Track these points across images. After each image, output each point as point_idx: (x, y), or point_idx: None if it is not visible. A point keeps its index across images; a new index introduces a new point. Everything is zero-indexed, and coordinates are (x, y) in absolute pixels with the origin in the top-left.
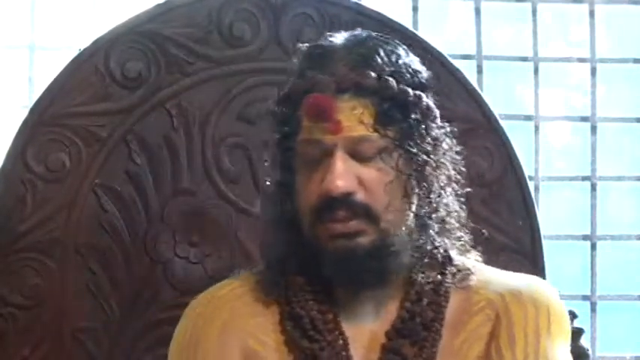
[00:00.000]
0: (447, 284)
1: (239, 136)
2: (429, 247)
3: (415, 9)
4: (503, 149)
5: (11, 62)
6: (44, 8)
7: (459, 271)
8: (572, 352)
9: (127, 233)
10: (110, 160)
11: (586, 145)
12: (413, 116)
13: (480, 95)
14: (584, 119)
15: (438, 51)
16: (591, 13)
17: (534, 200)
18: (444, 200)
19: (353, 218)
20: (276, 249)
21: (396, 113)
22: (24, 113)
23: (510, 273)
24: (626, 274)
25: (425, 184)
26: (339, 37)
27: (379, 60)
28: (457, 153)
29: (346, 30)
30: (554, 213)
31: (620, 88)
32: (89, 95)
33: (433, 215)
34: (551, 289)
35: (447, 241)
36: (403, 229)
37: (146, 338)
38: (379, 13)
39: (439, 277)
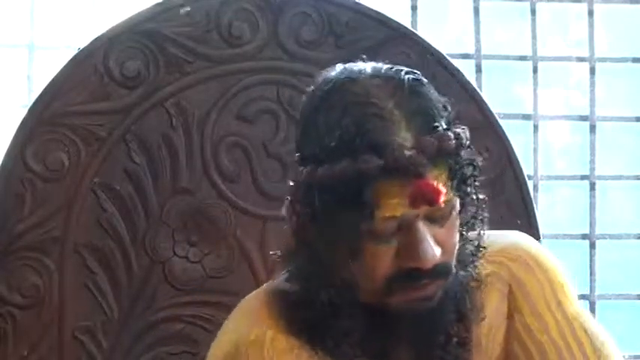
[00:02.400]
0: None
1: (238, 135)
2: (474, 274)
3: (414, 8)
4: (502, 148)
5: (10, 61)
6: (43, 7)
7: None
8: None
9: (126, 232)
10: (109, 159)
11: (585, 144)
12: (467, 159)
13: (479, 94)
14: (583, 118)
15: (437, 50)
16: (590, 13)
17: (533, 199)
18: (480, 225)
19: (433, 282)
20: (327, 316)
21: (464, 163)
22: (23, 112)
23: (492, 233)
24: (625, 273)
25: (472, 220)
26: (369, 80)
27: (440, 113)
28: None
29: (346, 29)
30: (553, 212)
31: (619, 87)
32: (88, 94)
33: (478, 247)
34: (537, 242)
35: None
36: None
37: (146, 337)
38: (378, 13)
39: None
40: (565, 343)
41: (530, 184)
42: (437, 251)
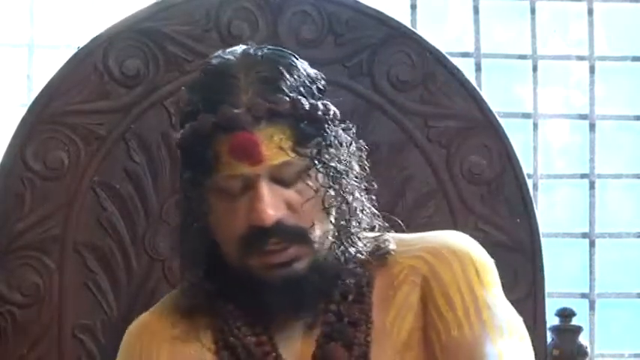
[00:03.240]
0: (367, 273)
1: None
2: (353, 252)
3: (414, 7)
4: (502, 147)
5: (10, 60)
6: (43, 7)
7: (375, 249)
8: (571, 350)
9: (126, 231)
10: (109, 158)
11: (585, 143)
12: (326, 130)
13: (478, 93)
14: (582, 117)
15: (436, 49)
16: (590, 11)
17: (533, 198)
18: (357, 201)
19: (287, 246)
20: (198, 280)
21: (311, 130)
22: (22, 111)
23: (422, 234)
24: (624, 271)
25: (342, 192)
26: (231, 57)
27: (286, 81)
28: (358, 149)
29: (346, 28)
30: (553, 211)
31: (619, 86)
32: (88, 93)
33: (352, 221)
34: (467, 238)
35: (362, 234)
36: (329, 240)
37: None
38: (378, 11)
39: (359, 268)
40: (466, 316)
41: (529, 182)
42: (275, 209)
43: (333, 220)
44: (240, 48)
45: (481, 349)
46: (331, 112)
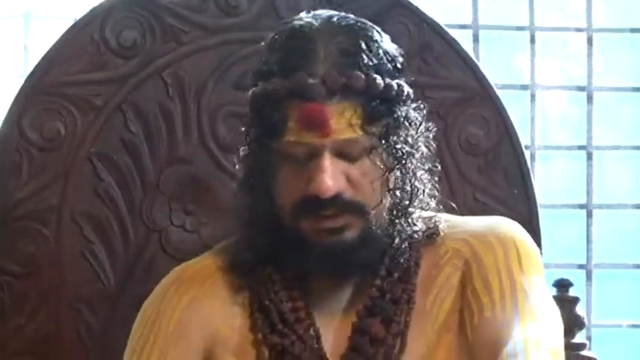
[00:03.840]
0: (416, 252)
1: (235, 105)
2: (409, 232)
3: None
4: (500, 118)
5: (7, 31)
6: None
7: (426, 229)
8: (569, 320)
9: (123, 202)
10: (106, 128)
11: (582, 114)
12: (397, 110)
13: (476, 64)
14: (580, 88)
15: (434, 20)
16: None
17: (530, 169)
18: (419, 182)
19: (341, 214)
20: (250, 237)
21: (382, 109)
22: (20, 82)
23: (472, 217)
24: (621, 242)
25: (406, 172)
26: (314, 22)
27: (364, 57)
28: (427, 129)
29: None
30: (551, 182)
31: (617, 57)
32: (85, 64)
33: (412, 202)
34: (515, 225)
35: (417, 213)
36: (385, 217)
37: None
38: None
39: (408, 248)
40: (502, 300)
41: (527, 153)
42: (336, 182)
43: (392, 200)
44: (324, 13)
45: (508, 331)
46: (405, 93)
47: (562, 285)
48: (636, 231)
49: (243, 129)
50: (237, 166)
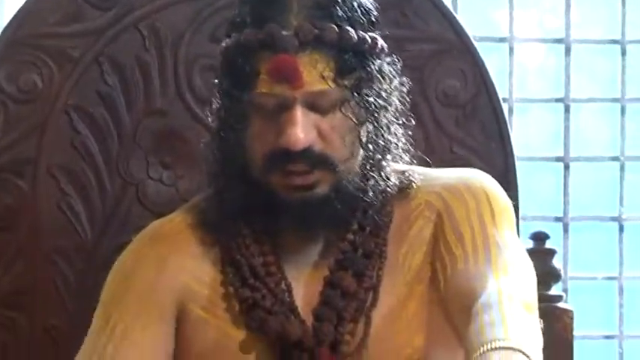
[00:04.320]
0: (388, 206)
1: (211, 57)
2: (381, 186)
3: None
4: (477, 70)
5: None
6: None
7: (399, 183)
8: (545, 272)
9: (100, 154)
10: (82, 81)
11: (560, 66)
12: (370, 63)
13: (453, 16)
14: (558, 41)
15: None
16: None
17: (508, 122)
18: (392, 136)
19: (311, 170)
20: (220, 190)
21: (354, 62)
22: None
23: (445, 170)
24: (598, 195)
25: (378, 127)
26: None
27: (338, 9)
28: (402, 84)
29: None
30: (528, 135)
31: (595, 9)
32: (61, 16)
33: (384, 156)
34: (487, 177)
35: (391, 167)
36: (357, 171)
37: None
38: None
39: (380, 202)
40: (474, 252)
41: (505, 106)
42: (307, 135)
43: (364, 154)
44: None
45: (482, 284)
46: (378, 46)
47: (538, 237)
48: (613, 184)
49: (215, 81)
50: (210, 119)
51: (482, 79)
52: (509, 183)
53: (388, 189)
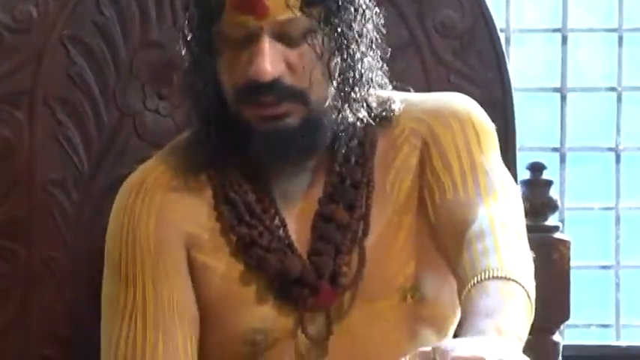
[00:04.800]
0: (371, 135)
1: None
2: (351, 118)
3: None
4: (475, 1)
5: None
6: None
7: (380, 112)
8: (542, 203)
9: (96, 85)
10: (78, 11)
11: None
12: None
13: None
14: None
15: None
16: None
17: (505, 52)
18: (365, 68)
19: (281, 101)
20: (201, 127)
21: None
22: None
23: (427, 95)
24: (595, 126)
25: (349, 59)
26: None
27: None
28: (377, 15)
29: None
30: (525, 65)
31: None
32: None
33: (355, 88)
34: (471, 101)
35: (368, 96)
36: (328, 103)
37: (116, 189)
38: None
39: (362, 131)
40: (463, 180)
41: (502, 36)
42: (275, 67)
43: (336, 85)
44: None
45: (473, 212)
46: None
47: (536, 168)
48: (610, 114)
49: (186, 13)
50: (183, 53)
51: (480, 9)
52: (506, 113)
53: (366, 119)
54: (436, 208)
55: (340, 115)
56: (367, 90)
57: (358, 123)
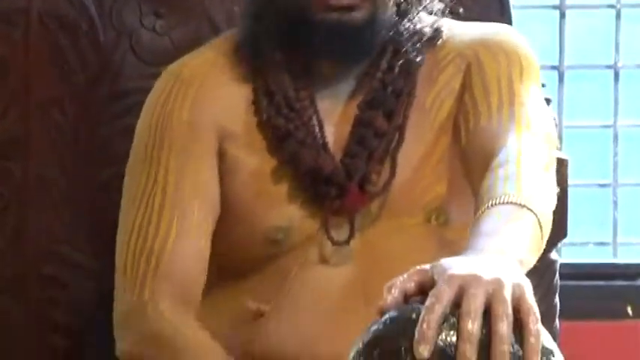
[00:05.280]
0: (418, 51)
1: None
2: (413, 28)
3: None
4: None
5: None
6: None
7: (430, 32)
8: None
9: (92, 3)
10: None
11: None
12: None
13: None
14: None
15: None
16: None
17: None
18: None
19: None
20: (253, 19)
21: None
22: None
23: (478, 23)
24: (594, 43)
25: None
26: None
27: None
28: None
29: None
30: None
31: None
32: None
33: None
34: (520, 35)
35: (421, 15)
36: (392, 7)
37: (112, 107)
38: None
39: (410, 45)
40: (499, 109)
41: None
42: None
43: None
44: None
45: (504, 141)
46: None
47: None
48: (609, 31)
49: None
50: None
51: None
52: None
53: (418, 34)
54: (469, 133)
55: (400, 23)
56: (422, 8)
57: (408, 36)
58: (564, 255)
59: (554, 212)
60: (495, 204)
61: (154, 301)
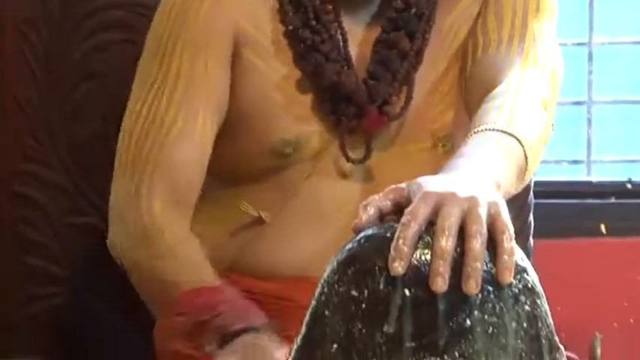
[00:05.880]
0: None
1: None
2: None
3: None
4: None
5: None
6: None
7: None
8: None
9: None
10: None
11: None
12: None
13: None
14: None
15: None
16: None
17: None
18: None
19: None
20: None
21: None
22: None
23: None
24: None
25: None
26: None
27: None
28: None
29: None
30: None
31: None
32: None
33: None
34: None
35: None
36: None
37: (85, 24)
38: None
39: None
40: (509, 42)
41: None
42: None
43: None
44: None
45: (507, 72)
46: None
47: None
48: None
49: None
50: None
51: None
52: None
53: None
54: (475, 61)
55: None
56: None
57: None
58: (538, 173)
59: None
60: (483, 130)
61: (149, 198)
